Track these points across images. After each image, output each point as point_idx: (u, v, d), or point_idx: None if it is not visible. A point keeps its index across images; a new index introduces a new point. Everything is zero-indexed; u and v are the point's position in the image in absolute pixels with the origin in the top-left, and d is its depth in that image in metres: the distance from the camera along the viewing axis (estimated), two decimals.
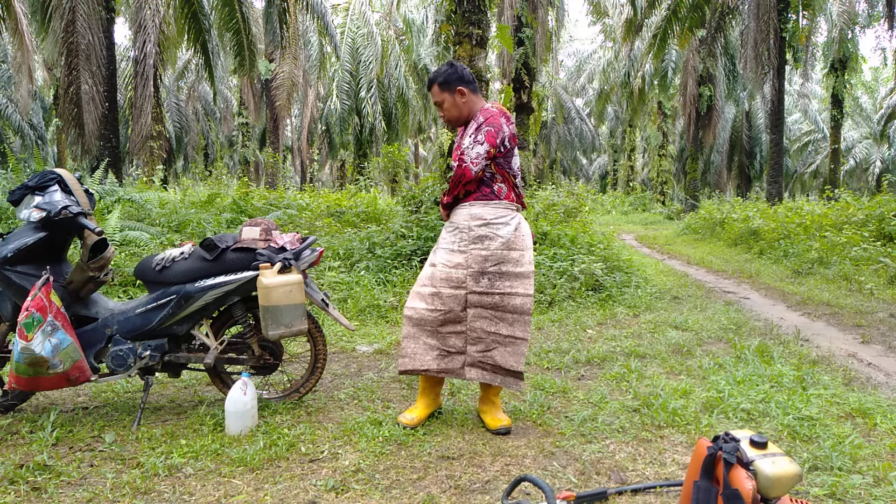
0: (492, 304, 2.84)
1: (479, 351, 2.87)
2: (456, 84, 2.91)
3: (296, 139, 32.47)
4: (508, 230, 2.86)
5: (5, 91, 22.97)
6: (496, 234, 2.85)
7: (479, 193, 2.88)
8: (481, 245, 2.85)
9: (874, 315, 5.60)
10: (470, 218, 2.88)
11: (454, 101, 2.92)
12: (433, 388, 3.02)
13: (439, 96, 2.94)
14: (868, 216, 9.41)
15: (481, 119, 2.84)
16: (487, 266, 2.84)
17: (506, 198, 2.90)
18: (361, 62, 21.95)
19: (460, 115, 2.95)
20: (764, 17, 15.29)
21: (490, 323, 2.85)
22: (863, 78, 34.58)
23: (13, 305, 2.91)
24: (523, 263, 2.86)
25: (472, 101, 2.94)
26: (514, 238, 2.86)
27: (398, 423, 2.91)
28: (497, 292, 2.83)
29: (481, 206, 2.87)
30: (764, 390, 3.32)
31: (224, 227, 7.48)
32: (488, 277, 2.84)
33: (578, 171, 45.00)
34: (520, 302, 2.83)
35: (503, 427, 2.85)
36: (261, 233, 3.11)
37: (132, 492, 2.28)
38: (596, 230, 9.45)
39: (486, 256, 2.84)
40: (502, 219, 2.86)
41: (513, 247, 2.86)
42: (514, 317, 2.84)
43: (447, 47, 14.62)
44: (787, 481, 1.75)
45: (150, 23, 13.60)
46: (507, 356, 2.84)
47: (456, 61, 3.15)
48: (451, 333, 2.89)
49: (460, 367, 2.91)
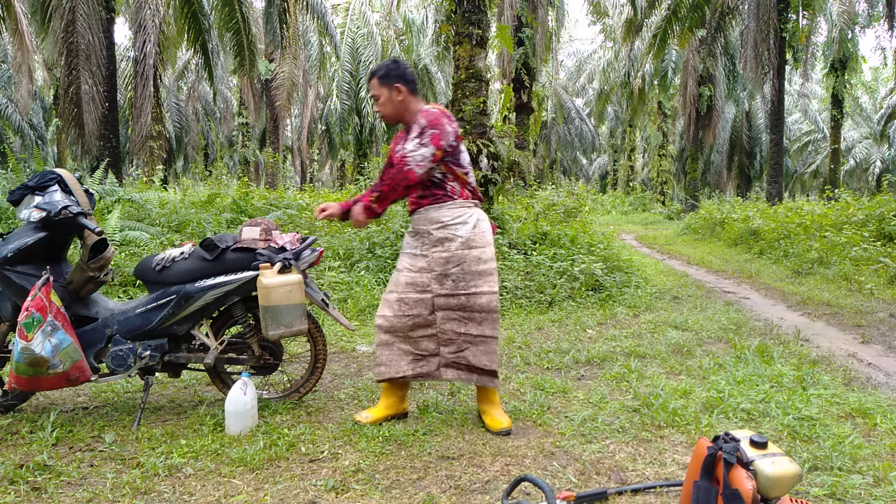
0: (458, 305, 2.84)
1: (452, 352, 2.88)
2: (395, 80, 2.91)
3: (296, 139, 32.48)
4: (467, 229, 2.86)
5: (5, 91, 22.97)
6: (455, 234, 2.85)
7: (433, 197, 2.88)
8: (441, 247, 2.85)
9: (874, 315, 5.60)
10: (428, 222, 2.88)
11: (390, 97, 2.92)
12: (396, 391, 3.01)
13: (377, 90, 2.94)
14: (868, 216, 9.41)
15: (423, 122, 2.82)
16: (449, 268, 2.84)
17: (460, 196, 2.91)
18: (361, 62, 21.95)
19: (395, 111, 2.94)
20: (764, 17, 15.29)
21: (459, 324, 2.86)
22: (863, 78, 34.58)
23: (13, 305, 2.91)
24: (485, 260, 2.86)
25: (409, 100, 2.94)
26: (473, 236, 2.86)
27: (354, 420, 2.95)
28: (462, 293, 2.83)
29: (437, 210, 2.87)
30: (764, 390, 3.32)
31: (224, 227, 7.48)
32: (452, 279, 2.83)
33: (578, 171, 45.00)
34: (486, 300, 2.83)
35: (503, 429, 2.85)
36: (261, 233, 3.11)
37: (132, 492, 2.28)
38: (596, 230, 9.45)
39: (447, 258, 2.84)
40: (460, 218, 2.87)
41: (473, 245, 2.86)
42: (483, 315, 2.84)
43: (447, 47, 14.62)
44: (787, 481, 1.75)
45: (150, 23, 13.61)
46: (479, 356, 2.85)
47: (401, 59, 3.17)
48: (423, 337, 2.90)
49: (435, 368, 2.92)
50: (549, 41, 18.56)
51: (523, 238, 7.22)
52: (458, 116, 7.17)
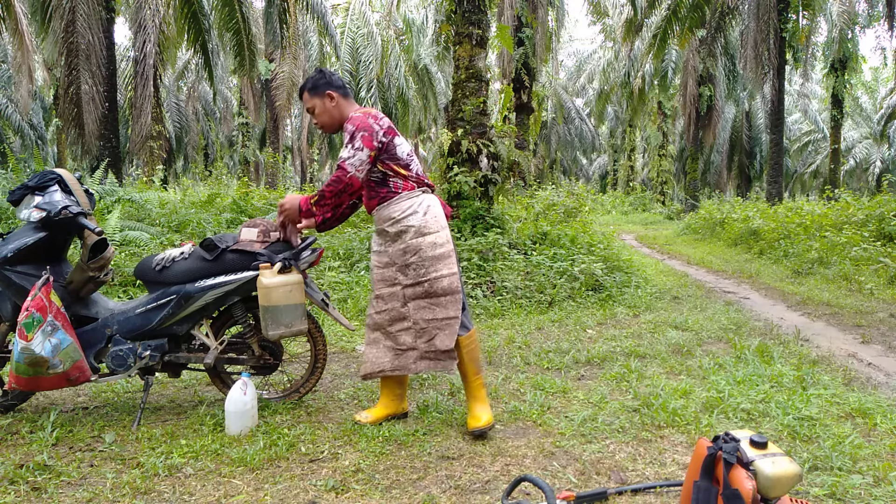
0: (424, 292, 2.88)
1: (425, 342, 2.91)
2: (324, 88, 2.95)
3: (296, 139, 32.46)
4: (418, 217, 2.89)
5: (5, 91, 22.97)
6: (408, 226, 2.88)
7: (379, 197, 2.93)
8: (399, 240, 2.90)
9: (874, 315, 5.60)
10: (382, 220, 2.94)
11: (324, 106, 2.96)
12: (393, 390, 3.04)
13: (310, 102, 2.98)
14: (868, 216, 9.41)
15: (351, 127, 2.85)
16: (408, 258, 2.88)
17: (405, 189, 2.93)
18: (361, 62, 21.94)
19: (332, 119, 2.98)
20: (764, 17, 15.29)
21: (428, 311, 2.89)
22: (863, 78, 34.58)
23: (13, 305, 2.90)
24: (440, 244, 2.89)
25: (343, 105, 2.98)
26: (425, 223, 2.89)
27: (354, 420, 2.96)
28: (424, 279, 2.87)
29: (387, 207, 2.92)
30: (764, 390, 3.32)
31: (224, 227, 7.48)
32: (413, 268, 2.88)
33: (578, 171, 44.99)
34: (447, 283, 2.86)
35: (478, 428, 2.81)
36: (258, 234, 3.11)
37: (132, 492, 2.28)
38: (596, 230, 9.46)
39: (404, 249, 2.88)
40: (409, 209, 2.90)
41: (426, 231, 2.88)
42: (446, 298, 2.87)
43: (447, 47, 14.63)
44: (787, 481, 1.75)
45: (150, 23, 13.60)
46: (444, 339, 2.87)
47: (325, 68, 3.22)
48: (401, 331, 2.94)
49: (412, 361, 2.94)
50: (549, 41, 18.56)
51: (523, 238, 7.22)
52: (458, 116, 7.17)
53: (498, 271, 6.19)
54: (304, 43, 22.23)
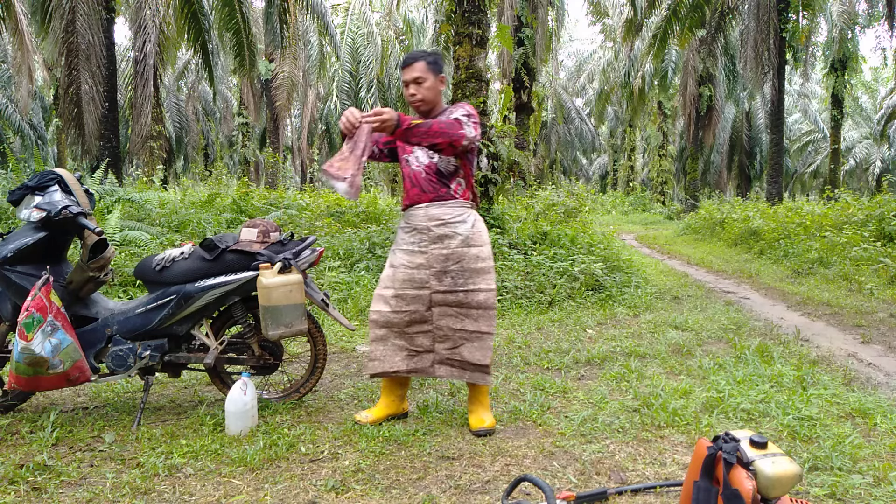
0: (456, 301, 2.85)
1: (447, 348, 2.89)
2: (441, 70, 2.93)
3: (296, 139, 32.47)
4: (466, 227, 2.87)
5: (5, 91, 22.95)
6: (455, 232, 2.86)
7: (436, 195, 2.88)
8: (441, 244, 2.85)
9: (874, 315, 5.60)
10: (428, 219, 2.88)
11: (434, 85, 2.91)
12: (395, 390, 3.01)
13: (424, 73, 2.87)
14: (868, 216, 9.41)
15: (468, 108, 2.85)
16: (449, 265, 2.85)
17: (462, 196, 2.92)
18: (361, 62, 21.94)
19: (433, 98, 2.93)
20: (764, 17, 15.30)
21: (456, 320, 2.86)
22: (863, 78, 34.56)
23: (13, 305, 2.90)
24: (483, 259, 2.88)
25: (441, 94, 2.98)
26: (472, 234, 2.88)
27: (354, 420, 2.94)
28: (461, 290, 2.84)
29: (438, 207, 2.87)
30: (764, 390, 3.32)
31: (224, 227, 7.48)
32: (451, 276, 2.84)
33: (578, 171, 44.98)
34: (483, 297, 2.85)
35: (483, 429, 2.83)
36: (258, 234, 3.11)
37: (132, 492, 2.28)
38: (596, 230, 9.46)
39: (447, 255, 2.85)
40: (459, 217, 2.88)
41: (472, 243, 2.87)
42: (479, 312, 2.85)
43: (447, 47, 14.61)
44: (787, 481, 1.74)
45: (150, 23, 13.60)
46: (473, 351, 2.85)
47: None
48: (419, 333, 2.91)
49: (429, 365, 2.92)
50: (549, 41, 18.56)
51: (523, 238, 7.22)
52: None
53: (498, 271, 6.19)
54: (304, 43, 22.23)
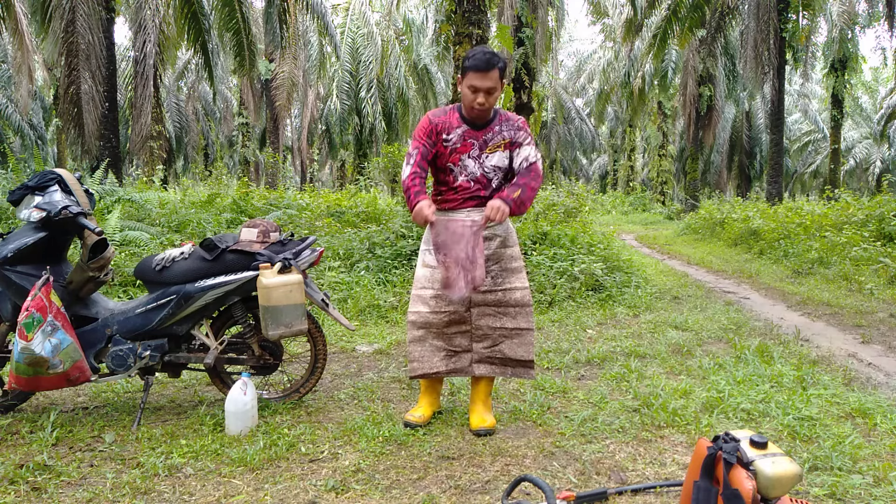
0: (495, 301, 2.90)
1: (487, 347, 2.92)
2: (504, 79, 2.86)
3: (296, 139, 32.47)
4: (503, 228, 2.93)
5: (5, 91, 22.95)
6: (494, 233, 2.91)
7: (480, 202, 2.88)
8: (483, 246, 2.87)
9: (874, 315, 5.60)
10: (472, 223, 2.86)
11: (499, 94, 2.86)
12: (435, 388, 3.06)
13: (498, 84, 2.77)
14: (868, 216, 9.41)
15: (526, 129, 2.90)
16: (490, 265, 2.89)
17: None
18: (361, 62, 21.95)
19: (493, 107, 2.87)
20: (764, 17, 15.29)
21: (494, 319, 2.90)
22: (863, 78, 34.58)
23: (13, 305, 2.90)
24: (517, 258, 2.96)
25: None
26: (508, 235, 2.95)
27: (405, 422, 2.91)
28: (500, 289, 2.90)
29: (479, 213, 2.87)
30: (764, 390, 3.32)
31: (224, 227, 7.48)
32: (491, 276, 2.89)
33: (578, 171, 44.98)
34: (520, 295, 2.91)
35: (483, 428, 2.84)
36: (258, 234, 3.11)
37: (132, 492, 2.28)
38: (596, 230, 9.44)
39: (488, 256, 2.88)
40: None
41: (508, 244, 2.95)
42: (517, 310, 2.90)
43: (447, 47, 14.63)
44: (787, 481, 1.75)
45: (150, 23, 13.61)
46: (515, 347, 2.90)
47: None
48: (457, 333, 2.92)
49: (468, 364, 2.94)
50: (549, 41, 18.54)
51: (523, 238, 7.22)
52: None
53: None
54: (304, 43, 22.22)
